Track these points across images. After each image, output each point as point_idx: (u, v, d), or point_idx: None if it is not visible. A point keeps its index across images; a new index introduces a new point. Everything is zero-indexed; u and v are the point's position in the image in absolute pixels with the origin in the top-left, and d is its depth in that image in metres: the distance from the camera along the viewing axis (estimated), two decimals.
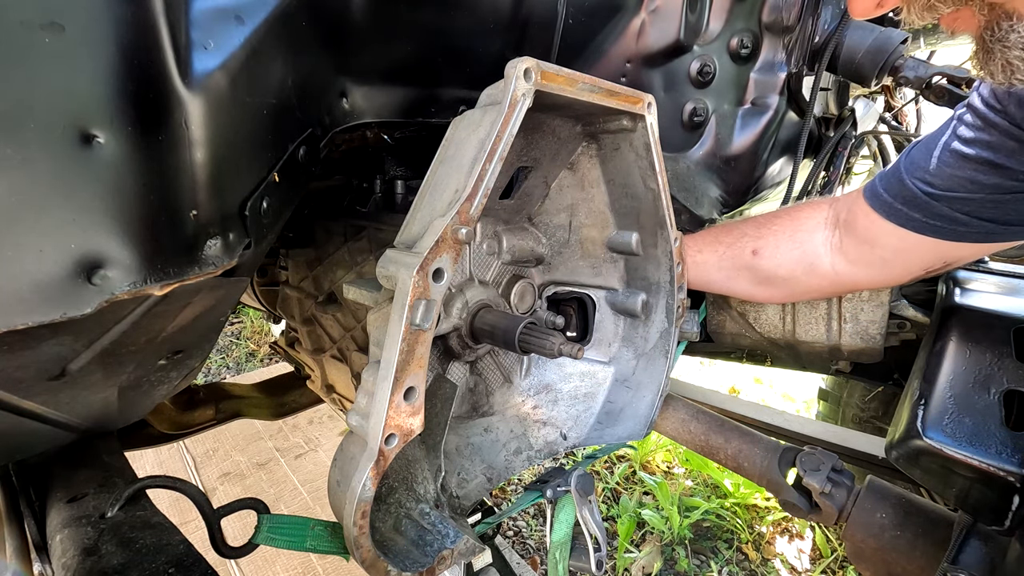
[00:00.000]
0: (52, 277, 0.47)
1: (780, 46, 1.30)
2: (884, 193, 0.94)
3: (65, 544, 0.75)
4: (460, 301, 0.92)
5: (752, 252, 1.10)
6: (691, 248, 1.16)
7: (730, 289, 1.19)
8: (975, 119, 0.83)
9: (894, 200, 0.92)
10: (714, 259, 1.14)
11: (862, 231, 0.99)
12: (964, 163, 0.84)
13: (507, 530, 2.71)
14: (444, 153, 0.70)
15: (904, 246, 0.94)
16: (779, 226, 1.10)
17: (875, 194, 0.96)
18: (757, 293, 1.17)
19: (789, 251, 1.07)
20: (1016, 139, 0.79)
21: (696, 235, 1.20)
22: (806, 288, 1.12)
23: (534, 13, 0.95)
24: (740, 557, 2.59)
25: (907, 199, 0.91)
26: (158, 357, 0.81)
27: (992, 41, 0.64)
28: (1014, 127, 0.78)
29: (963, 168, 0.84)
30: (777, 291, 1.14)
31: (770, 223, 1.11)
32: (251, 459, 2.97)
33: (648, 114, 0.85)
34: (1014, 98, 0.77)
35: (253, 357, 4.51)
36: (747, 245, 1.11)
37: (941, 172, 0.87)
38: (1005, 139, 0.80)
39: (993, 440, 0.79)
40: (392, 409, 0.59)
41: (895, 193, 0.92)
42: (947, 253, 0.93)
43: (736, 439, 1.09)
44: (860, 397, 2.19)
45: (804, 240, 1.06)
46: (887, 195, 0.93)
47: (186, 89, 0.52)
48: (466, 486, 0.93)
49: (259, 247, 0.67)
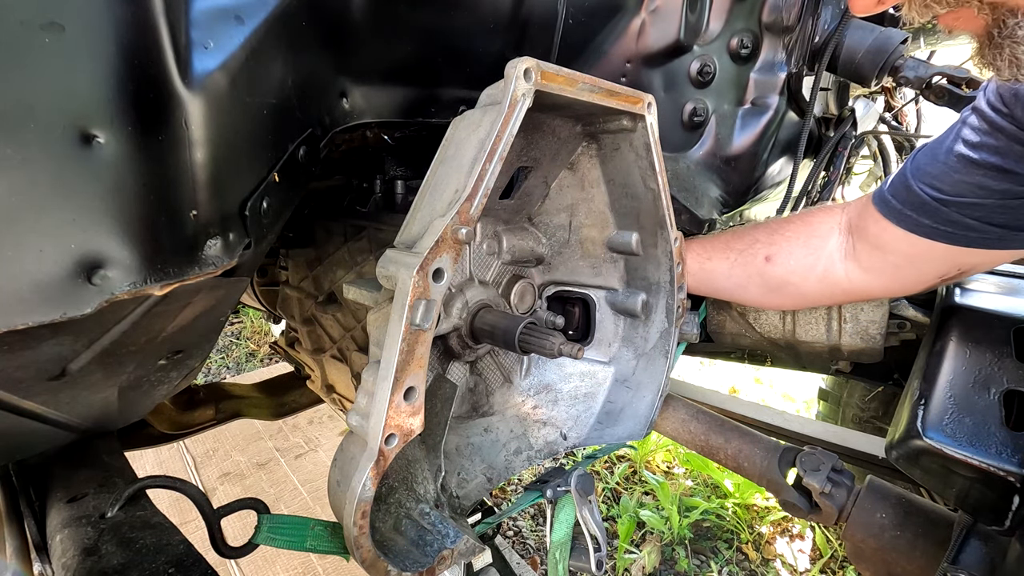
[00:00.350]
0: (52, 277, 0.47)
1: (780, 46, 1.29)
2: (892, 200, 0.92)
3: (65, 544, 0.76)
4: (460, 301, 0.92)
5: (765, 259, 1.07)
6: (700, 255, 1.14)
7: (740, 297, 1.17)
8: (981, 123, 0.82)
9: (903, 207, 0.91)
10: (724, 266, 1.12)
11: (873, 237, 0.97)
12: (972, 169, 0.83)
13: (507, 530, 2.71)
14: (444, 153, 0.70)
15: (916, 252, 0.92)
16: (792, 232, 1.07)
17: (884, 201, 0.94)
18: (769, 300, 1.14)
19: (802, 257, 1.05)
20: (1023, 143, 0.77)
21: (705, 241, 1.17)
22: (819, 296, 1.09)
23: (534, 13, 0.95)
24: (740, 557, 2.59)
25: (916, 205, 0.89)
26: (158, 357, 0.81)
27: (1001, 37, 0.64)
28: (1021, 131, 0.77)
29: (971, 174, 0.83)
30: (789, 299, 1.11)
31: (783, 229, 1.08)
32: (251, 459, 2.97)
33: (648, 114, 0.85)
34: (1020, 101, 0.76)
35: (253, 357, 4.51)
36: (759, 251, 1.08)
37: (949, 178, 0.85)
38: (1012, 144, 0.78)
39: (993, 440, 0.79)
40: (392, 409, 0.59)
41: (903, 199, 0.91)
42: (960, 259, 0.91)
43: (736, 439, 1.09)
44: (860, 397, 2.19)
45: (817, 246, 1.04)
46: (895, 201, 0.92)
47: (186, 89, 0.52)
48: (466, 486, 0.93)
49: (259, 247, 0.67)
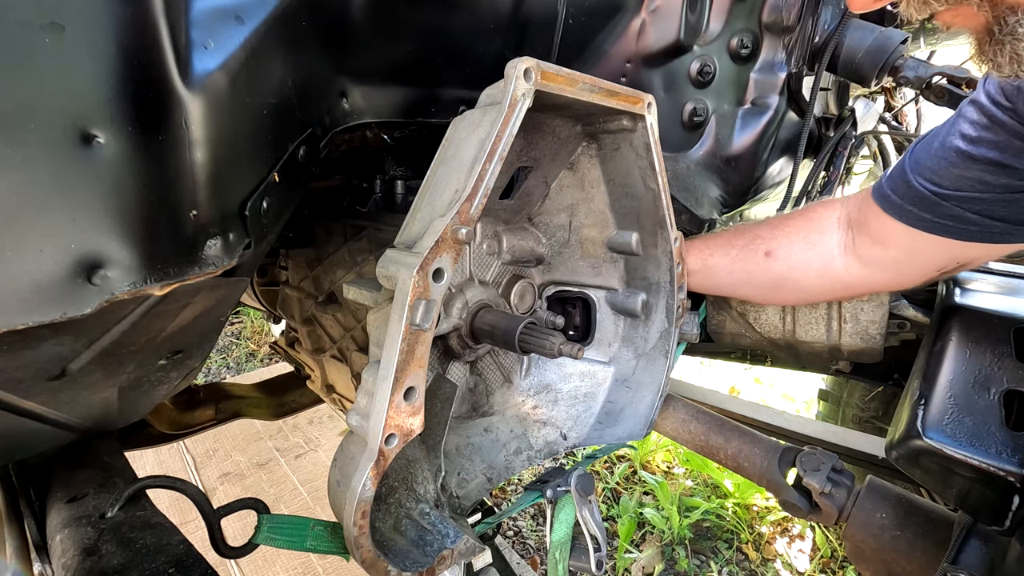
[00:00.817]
0: (52, 277, 0.47)
1: (780, 46, 1.29)
2: (892, 194, 0.92)
3: (65, 544, 0.76)
4: (460, 301, 0.92)
5: (765, 254, 1.07)
6: (702, 252, 1.14)
7: (742, 293, 1.17)
8: (980, 117, 0.82)
9: (903, 201, 0.91)
10: (725, 262, 1.12)
11: (873, 232, 0.97)
12: (971, 163, 0.83)
13: (507, 530, 2.70)
14: (444, 153, 0.70)
15: (916, 246, 0.93)
16: (793, 227, 1.07)
17: (883, 195, 0.94)
18: (770, 296, 1.14)
19: (803, 252, 1.05)
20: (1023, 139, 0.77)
21: (706, 238, 1.17)
22: (819, 291, 1.09)
23: (534, 13, 0.95)
24: (740, 557, 2.59)
25: (915, 199, 0.89)
26: (158, 357, 0.81)
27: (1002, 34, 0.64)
28: (1022, 126, 0.76)
29: (970, 168, 0.83)
30: (790, 294, 1.12)
31: (784, 225, 1.09)
32: (251, 459, 2.97)
33: (648, 114, 0.85)
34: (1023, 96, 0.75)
35: (253, 357, 4.51)
36: (760, 247, 1.08)
37: (948, 172, 0.85)
38: (1012, 139, 0.78)
39: (993, 440, 0.79)
40: (392, 409, 0.59)
41: (902, 194, 0.91)
42: (960, 253, 0.91)
43: (736, 439, 1.09)
44: (860, 397, 2.19)
45: (817, 241, 1.04)
46: (895, 196, 0.92)
47: (186, 89, 0.52)
48: (466, 486, 0.93)
49: (259, 247, 0.67)
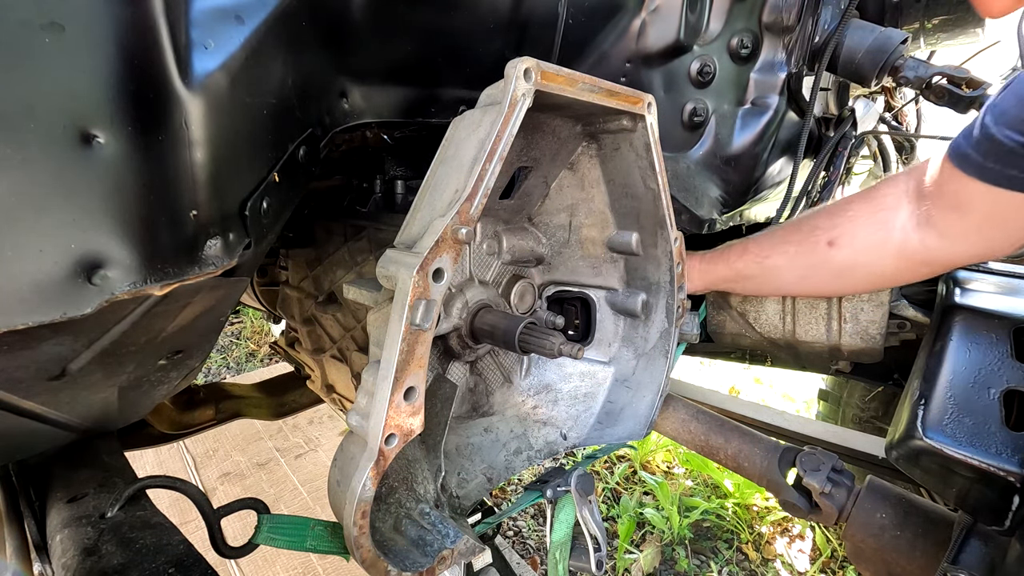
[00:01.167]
0: (52, 277, 0.47)
1: (780, 46, 1.29)
2: (972, 152, 0.83)
3: (65, 544, 0.76)
4: (460, 301, 0.92)
5: (828, 244, 1.02)
6: (757, 255, 1.11)
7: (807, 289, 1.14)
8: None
9: (985, 159, 0.82)
10: (784, 261, 1.09)
11: (950, 198, 0.89)
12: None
13: (507, 530, 2.71)
14: (444, 153, 0.70)
15: (1000, 209, 0.84)
16: (855, 210, 1.02)
17: (961, 155, 0.85)
18: (838, 287, 1.10)
19: (870, 234, 0.99)
20: None
21: (759, 240, 1.13)
22: (896, 272, 1.02)
23: (534, 13, 0.95)
24: (740, 557, 2.59)
25: (1001, 155, 0.80)
26: (158, 357, 0.81)
27: None
28: None
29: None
30: (862, 281, 1.07)
31: (844, 210, 1.03)
32: (251, 459, 2.97)
33: (648, 114, 0.85)
34: None
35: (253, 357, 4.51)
36: (820, 238, 1.03)
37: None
38: None
39: (993, 440, 0.79)
40: (392, 409, 0.59)
41: (984, 150, 0.82)
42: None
43: (736, 439, 1.09)
44: (860, 397, 2.19)
45: (886, 219, 0.97)
46: (976, 154, 0.83)
47: (186, 89, 0.52)
48: (466, 486, 0.93)
49: (259, 247, 0.67)
